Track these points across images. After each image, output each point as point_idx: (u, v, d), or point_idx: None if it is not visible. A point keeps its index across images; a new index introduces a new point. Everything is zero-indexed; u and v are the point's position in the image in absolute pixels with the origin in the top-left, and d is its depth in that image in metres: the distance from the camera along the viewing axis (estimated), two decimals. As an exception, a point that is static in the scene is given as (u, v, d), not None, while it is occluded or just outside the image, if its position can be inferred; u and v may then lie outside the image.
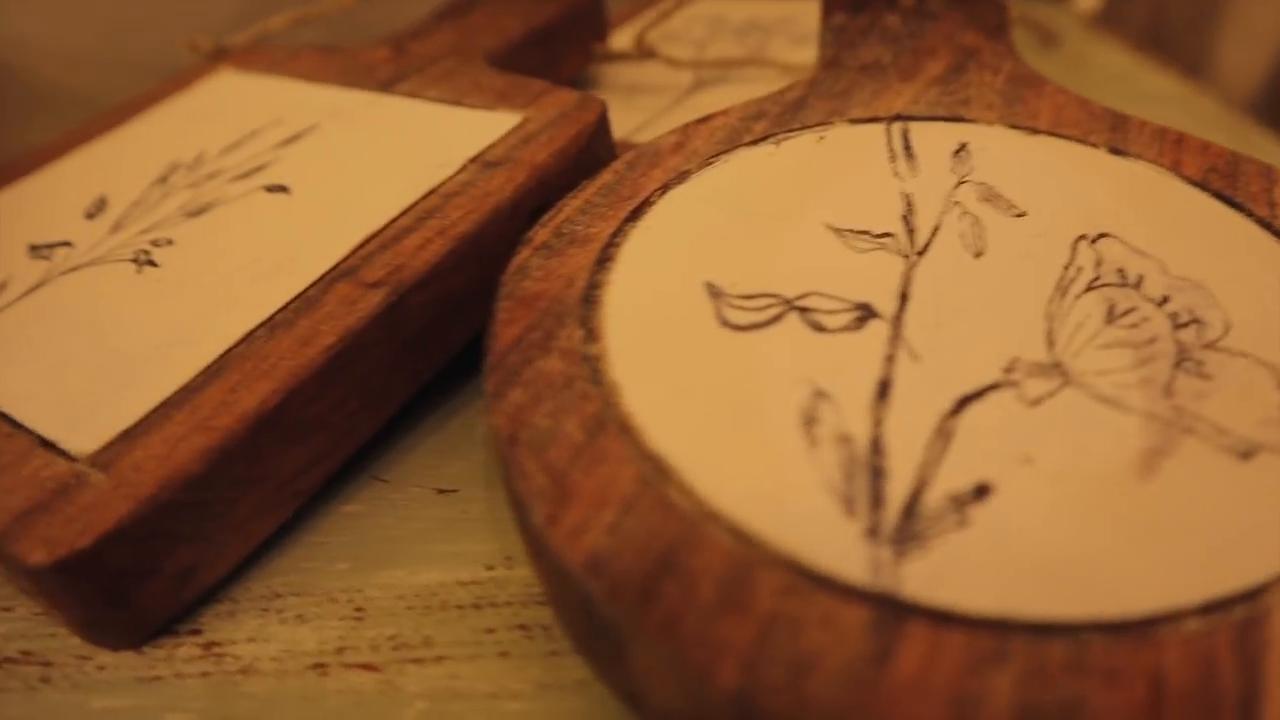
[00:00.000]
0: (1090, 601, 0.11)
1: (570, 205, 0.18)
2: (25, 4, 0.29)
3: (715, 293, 0.16)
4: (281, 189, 0.21)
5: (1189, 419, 0.13)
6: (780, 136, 0.19)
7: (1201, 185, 0.17)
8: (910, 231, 0.17)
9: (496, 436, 0.14)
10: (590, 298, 0.16)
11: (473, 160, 0.20)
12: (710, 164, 0.19)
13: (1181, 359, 0.14)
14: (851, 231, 0.17)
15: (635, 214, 0.17)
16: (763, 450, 0.13)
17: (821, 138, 0.19)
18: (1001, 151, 0.18)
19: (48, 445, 0.15)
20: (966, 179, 0.18)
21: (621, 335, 0.15)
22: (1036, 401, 0.13)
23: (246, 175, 0.22)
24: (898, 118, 0.20)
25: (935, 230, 0.17)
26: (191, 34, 0.29)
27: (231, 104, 0.25)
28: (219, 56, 0.28)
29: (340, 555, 0.16)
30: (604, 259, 0.16)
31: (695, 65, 0.29)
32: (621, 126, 0.27)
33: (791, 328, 0.15)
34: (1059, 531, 0.12)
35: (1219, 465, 0.13)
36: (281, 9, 0.30)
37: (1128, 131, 0.19)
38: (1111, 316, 0.15)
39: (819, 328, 0.15)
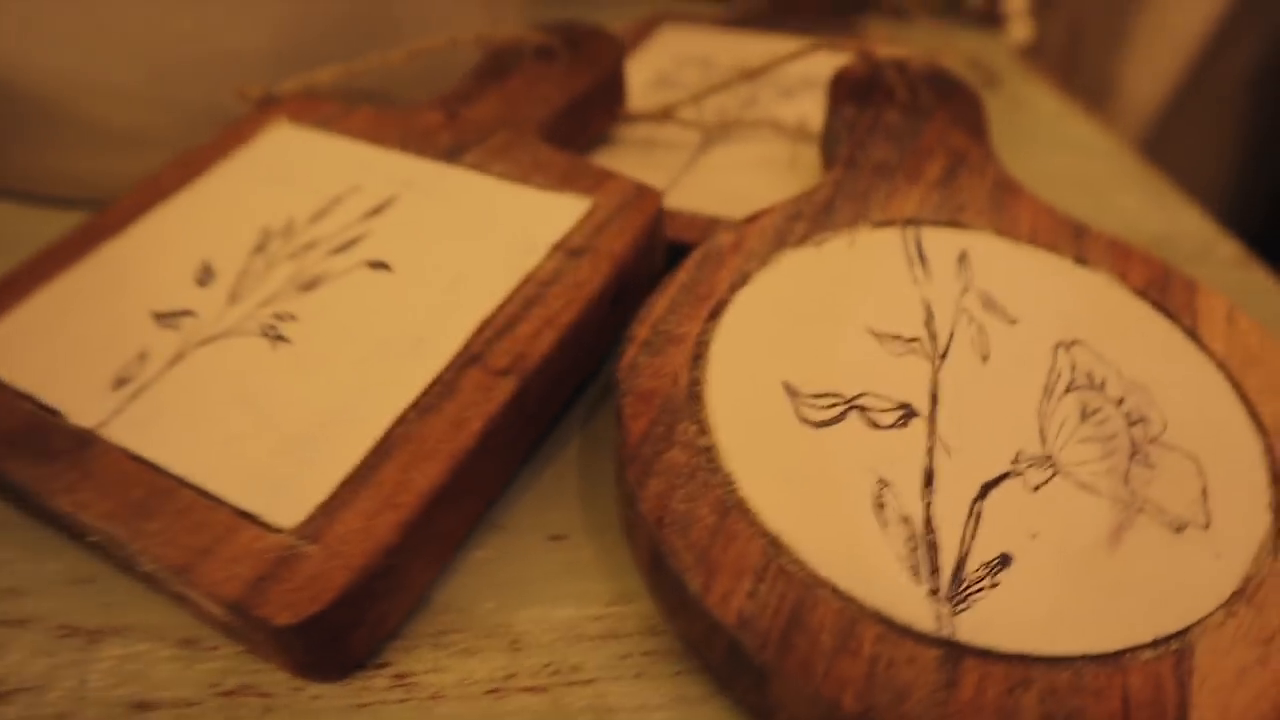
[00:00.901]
0: (1082, 640, 0.16)
1: (659, 304, 0.22)
2: (74, 39, 0.29)
3: (792, 392, 0.20)
4: (384, 266, 0.24)
5: (1140, 501, 0.18)
6: (818, 238, 0.23)
7: (1143, 294, 0.23)
8: (933, 337, 0.21)
9: (642, 519, 0.18)
10: (694, 394, 0.20)
11: (556, 247, 0.23)
12: (766, 264, 0.23)
13: (1134, 452, 0.19)
14: (888, 335, 0.21)
15: (714, 313, 0.21)
16: (849, 528, 0.18)
17: (852, 242, 0.23)
18: (993, 260, 0.23)
19: (249, 518, 0.18)
20: (969, 287, 0.22)
21: (726, 430, 0.19)
22: (1037, 488, 0.18)
23: (344, 248, 0.24)
24: (910, 222, 0.24)
25: (951, 336, 0.21)
26: (240, 82, 0.30)
27: (301, 164, 0.27)
28: (267, 104, 0.30)
29: (485, 596, 0.20)
30: (697, 355, 0.20)
31: (707, 128, 0.32)
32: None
33: (854, 425, 0.19)
34: (1058, 590, 0.17)
35: (1161, 537, 0.18)
36: (319, 56, 0.32)
37: (1087, 241, 0.24)
38: (1085, 415, 0.20)
39: (875, 425, 0.19)
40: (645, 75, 0.38)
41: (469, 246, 0.24)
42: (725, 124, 0.33)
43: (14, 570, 0.21)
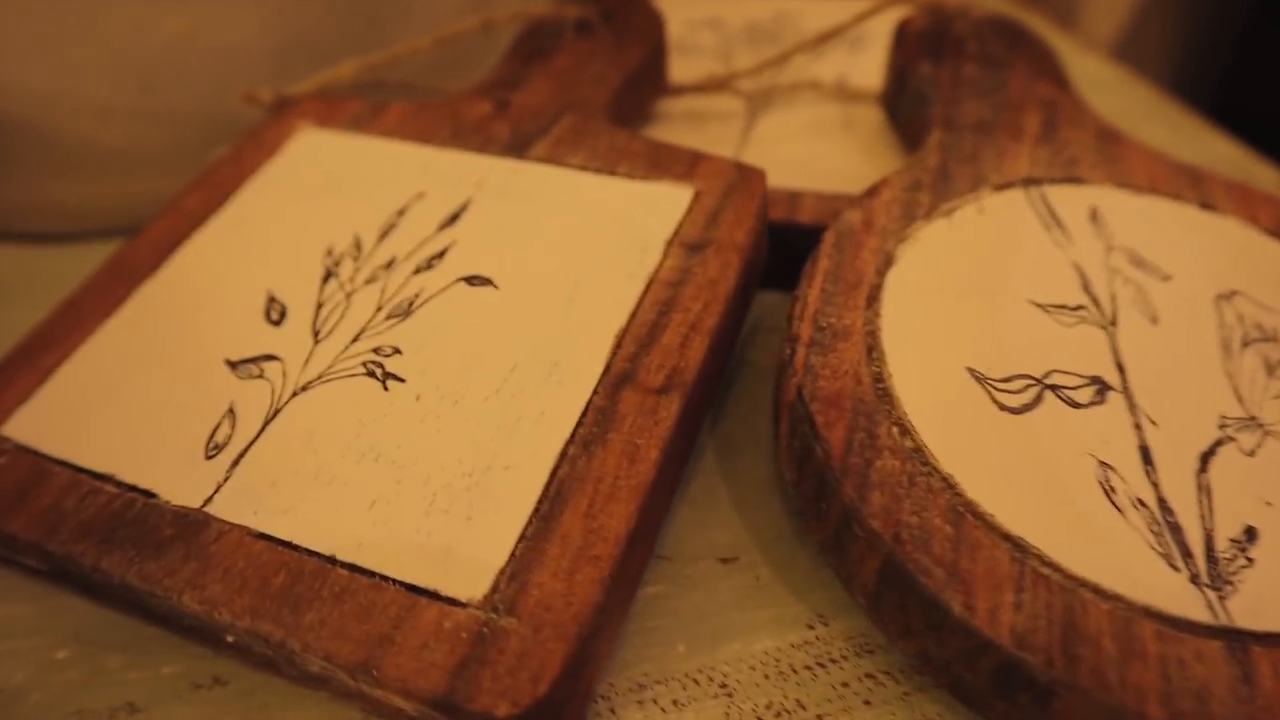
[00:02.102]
0: (1345, 608, 0.16)
1: (811, 296, 0.20)
2: (46, 50, 0.25)
3: (979, 378, 0.19)
4: (485, 281, 0.21)
5: (1351, 452, 0.18)
6: (946, 208, 0.22)
7: (1276, 235, 0.22)
8: (1096, 303, 0.20)
9: (874, 536, 0.16)
10: (882, 392, 0.18)
11: (672, 242, 0.21)
12: (904, 241, 0.21)
13: (1328, 402, 0.19)
14: (1052, 306, 0.20)
15: (870, 300, 0.20)
16: (1087, 520, 0.16)
17: (981, 209, 0.22)
18: (1124, 215, 0.22)
19: (424, 594, 0.16)
20: (1112, 245, 0.22)
21: (928, 428, 0.18)
22: (1252, 452, 0.18)
23: (430, 265, 0.22)
24: (1030, 182, 0.23)
25: (1113, 299, 0.20)
26: (240, 85, 0.27)
27: (347, 173, 0.24)
28: (281, 108, 0.27)
29: (673, 638, 0.18)
30: (870, 348, 0.19)
31: (749, 96, 0.30)
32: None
33: (1052, 406, 0.18)
34: (1307, 557, 0.16)
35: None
36: (323, 49, 0.29)
37: (1206, 185, 0.23)
38: (1270, 369, 0.19)
39: (1073, 404, 0.18)
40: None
41: (573, 250, 0.22)
42: (766, 90, 0.31)
43: (125, 681, 0.18)
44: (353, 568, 0.16)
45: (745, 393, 0.24)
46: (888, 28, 0.37)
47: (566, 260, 0.21)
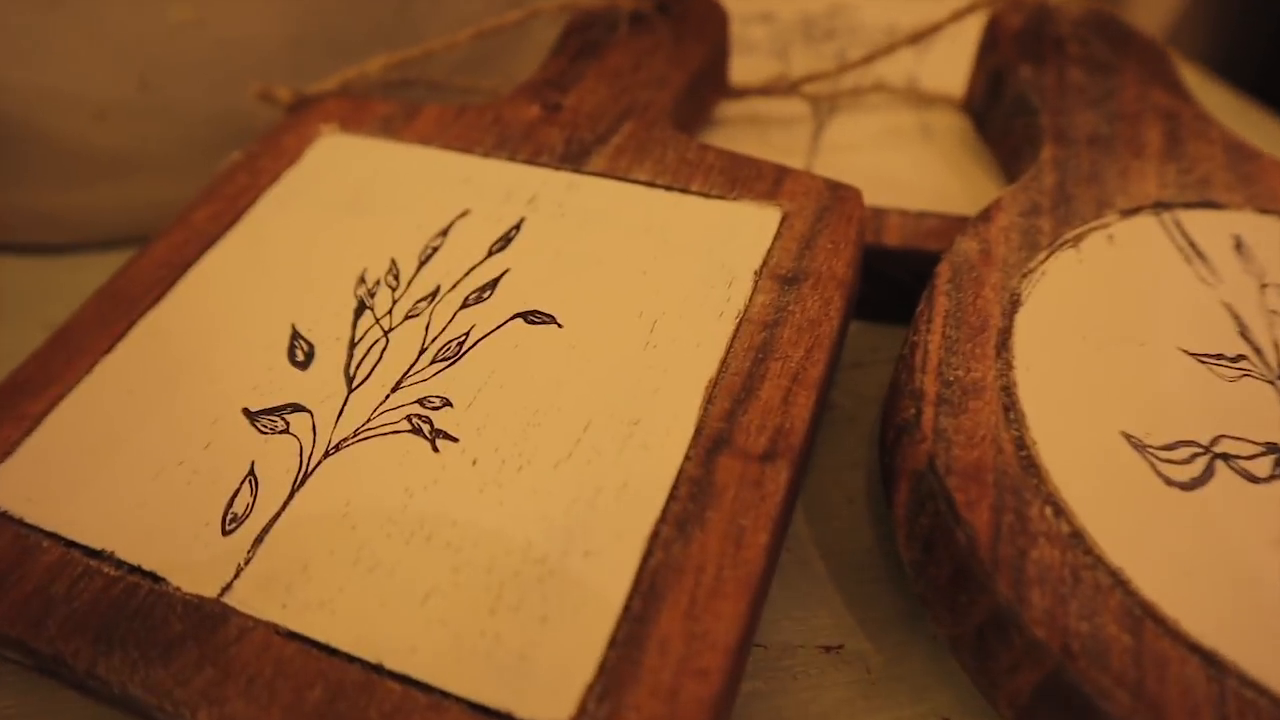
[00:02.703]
0: None
1: (933, 343, 0.17)
2: (45, 51, 0.22)
3: (1137, 444, 0.16)
4: (546, 318, 0.18)
5: None
6: (1071, 235, 0.19)
7: None
8: (1258, 351, 0.17)
9: (1038, 646, 0.13)
10: (1027, 462, 0.15)
11: (761, 274, 0.19)
12: (1029, 276, 0.18)
13: None
14: (1208, 356, 0.17)
15: (1000, 348, 0.17)
16: (1288, 628, 0.14)
17: (1110, 237, 0.19)
18: (1273, 244, 0.20)
19: (494, 715, 0.13)
20: (1266, 281, 0.19)
21: (1086, 508, 0.15)
22: None
23: (481, 297, 0.19)
24: (1160, 206, 0.20)
25: (1277, 348, 0.18)
26: (252, 80, 0.24)
27: (380, 185, 0.21)
28: (301, 108, 0.23)
29: (780, 747, 0.16)
30: (1007, 408, 0.16)
31: (814, 99, 0.27)
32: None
33: (1226, 481, 0.15)
34: None
35: None
36: (344, 41, 0.26)
37: (1357, 212, 0.21)
38: None
39: (1250, 477, 0.16)
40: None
41: (647, 281, 0.19)
42: (832, 93, 0.28)
43: (127, 806, 0.15)
44: (405, 680, 0.14)
45: (831, 442, 0.21)
46: (956, 24, 0.34)
47: (640, 293, 0.19)
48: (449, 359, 0.18)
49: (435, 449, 0.16)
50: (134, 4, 0.23)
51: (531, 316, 0.18)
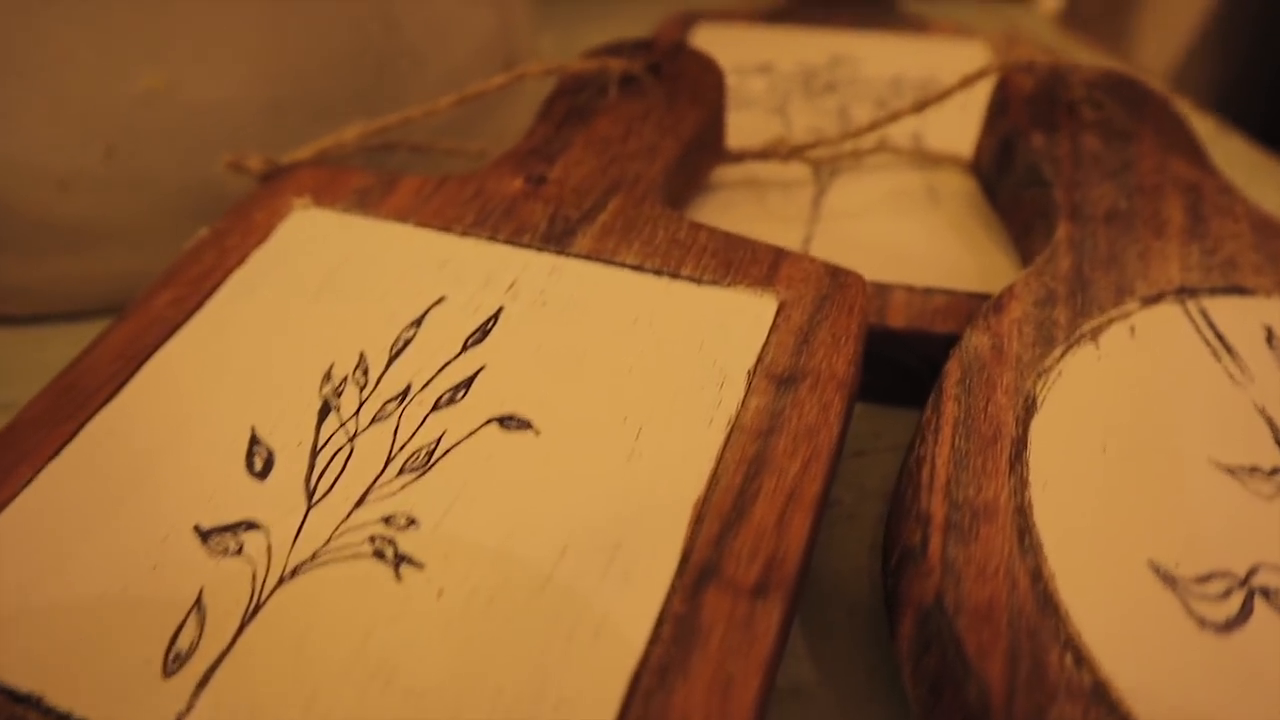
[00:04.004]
0: None
1: (940, 457, 0.16)
2: (6, 119, 0.21)
3: (1166, 577, 0.14)
4: (522, 424, 0.17)
5: None
6: (1090, 327, 0.18)
7: None
8: (1296, 463, 0.16)
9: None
10: (1045, 600, 0.14)
11: (755, 373, 0.17)
12: (1045, 377, 0.17)
13: None
14: (1243, 469, 0.16)
15: (1014, 462, 0.16)
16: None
17: (1132, 330, 0.18)
18: (1308, 337, 0.18)
19: None
20: (1301, 380, 0.17)
21: (1110, 655, 0.13)
22: None
23: (454, 398, 0.17)
24: (1185, 292, 0.19)
25: (1317, 458, 0.16)
26: (226, 147, 0.22)
27: (352, 268, 0.20)
28: (273, 178, 0.22)
29: None
30: (1023, 532, 0.15)
31: (815, 162, 0.26)
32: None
33: (1265, 619, 0.14)
34: None
35: None
36: (320, 103, 0.25)
37: (1395, 299, 0.19)
38: None
39: (1293, 615, 0.14)
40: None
41: (632, 382, 0.17)
42: (834, 155, 0.27)
43: None
44: None
45: (830, 544, 0.20)
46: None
47: (624, 396, 0.17)
48: (418, 469, 0.16)
49: (398, 577, 0.15)
50: (99, 71, 0.22)
51: (507, 422, 0.17)
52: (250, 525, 0.16)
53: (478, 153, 0.27)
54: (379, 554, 0.15)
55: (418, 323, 0.19)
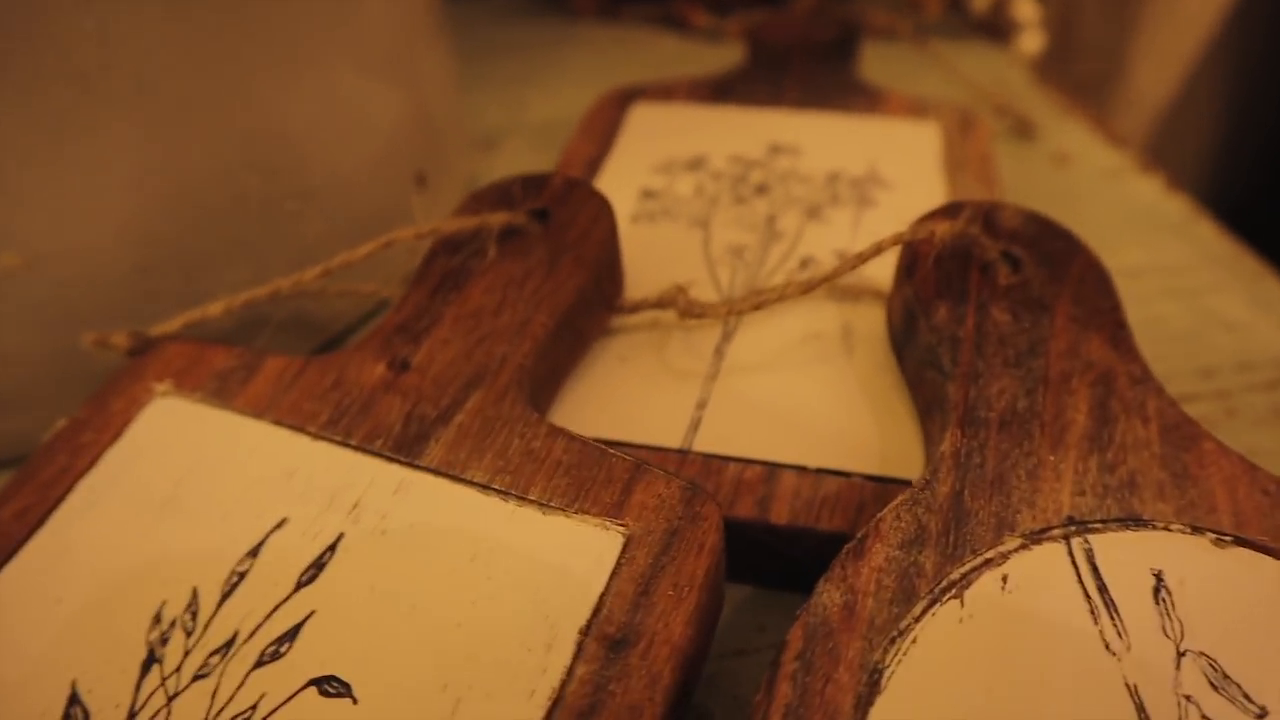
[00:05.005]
0: None
1: (767, 748, 0.15)
2: None
3: None
4: (342, 690, 0.16)
5: None
6: (959, 578, 0.17)
7: None
8: (1160, 763, 0.15)
9: None
10: None
11: (585, 632, 0.16)
12: (897, 643, 0.16)
13: None
14: (1099, 773, 0.15)
15: (847, 766, 0.14)
16: None
17: (1005, 579, 0.17)
18: (1200, 587, 0.17)
19: None
20: (1183, 648, 0.16)
21: None
22: None
23: (279, 653, 0.17)
24: (1072, 524, 0.17)
25: (1185, 757, 0.15)
26: (95, 316, 0.22)
27: (199, 478, 0.19)
28: (142, 352, 0.22)
29: None
30: None
31: (736, 311, 0.24)
32: (675, 416, 0.22)
33: None
34: None
35: None
36: (197, 269, 0.24)
37: (1311, 528, 0.17)
38: None
39: None
40: (627, 195, 0.30)
41: (459, 640, 0.16)
42: (757, 304, 0.25)
43: None
44: None
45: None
46: (905, 174, 0.31)
47: (449, 656, 0.16)
48: (228, 745, 0.16)
49: None
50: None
51: (327, 686, 0.16)
52: (51, 810, 0.15)
53: (372, 293, 0.26)
54: None
55: (255, 552, 0.18)
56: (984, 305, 0.21)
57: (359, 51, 0.26)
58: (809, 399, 0.23)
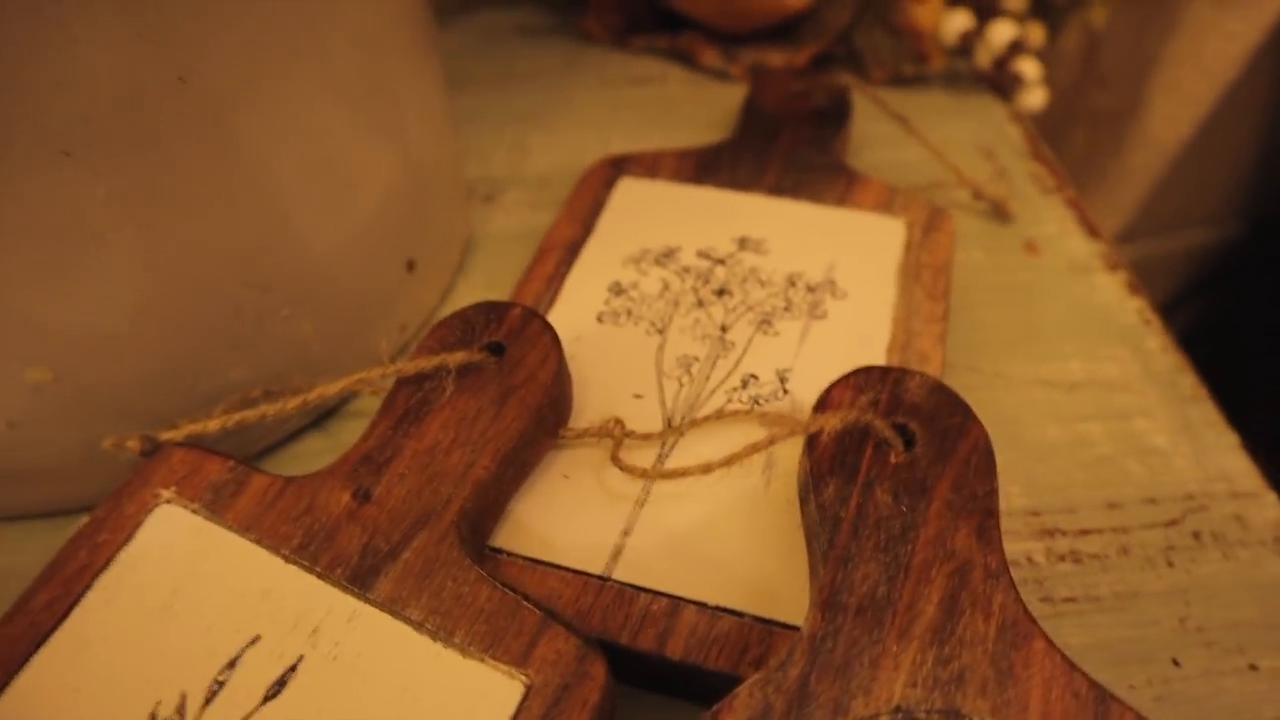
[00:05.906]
0: None
1: None
2: None
3: None
4: (289, 799, 0.20)
5: None
6: (791, 762, 0.20)
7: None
8: None
9: None
10: None
11: (487, 773, 0.20)
12: (728, 814, 0.19)
13: None
14: None
15: None
16: None
17: (832, 766, 0.20)
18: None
19: None
20: (965, 838, 0.19)
21: None
22: None
23: (241, 761, 0.21)
24: (898, 713, 0.20)
25: None
26: (112, 436, 0.26)
27: (193, 588, 0.23)
28: (153, 455, 0.25)
29: None
30: None
31: (685, 409, 0.27)
32: (601, 542, 0.26)
33: None
34: None
35: None
36: (209, 370, 0.27)
37: (1107, 729, 0.20)
38: None
39: None
40: (598, 288, 0.32)
41: (384, 766, 0.21)
42: (690, 403, 0.28)
43: None
44: None
45: None
46: (860, 283, 0.33)
47: (374, 781, 0.20)
48: (199, 838, 0.20)
49: None
50: (-8, 369, 0.25)
51: (277, 796, 0.21)
52: None
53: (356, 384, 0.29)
54: None
55: (233, 664, 0.22)
56: (870, 485, 0.24)
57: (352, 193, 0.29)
58: (721, 531, 0.26)
